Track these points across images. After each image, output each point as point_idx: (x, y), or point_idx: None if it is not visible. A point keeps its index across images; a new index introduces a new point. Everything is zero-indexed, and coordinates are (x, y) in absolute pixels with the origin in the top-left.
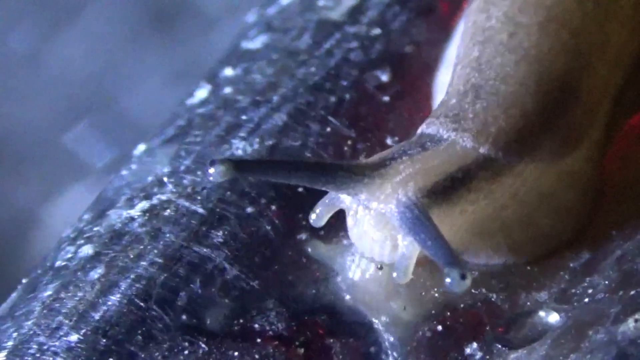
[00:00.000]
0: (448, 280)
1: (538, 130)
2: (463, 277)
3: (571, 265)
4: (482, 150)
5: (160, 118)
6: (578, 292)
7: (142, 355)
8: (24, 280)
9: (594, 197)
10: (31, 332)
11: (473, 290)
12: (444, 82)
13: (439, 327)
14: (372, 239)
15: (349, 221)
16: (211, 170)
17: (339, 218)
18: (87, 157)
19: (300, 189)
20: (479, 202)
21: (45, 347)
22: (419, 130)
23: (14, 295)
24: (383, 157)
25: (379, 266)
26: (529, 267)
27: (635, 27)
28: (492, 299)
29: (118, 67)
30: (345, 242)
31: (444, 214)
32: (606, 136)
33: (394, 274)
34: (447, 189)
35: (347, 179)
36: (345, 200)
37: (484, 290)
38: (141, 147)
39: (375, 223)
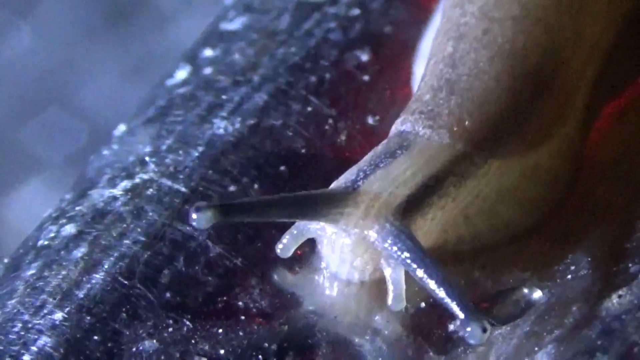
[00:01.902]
0: (468, 331)
1: (510, 126)
2: (484, 330)
3: (553, 243)
4: (457, 146)
5: (115, 113)
6: (560, 269)
7: (127, 333)
8: (5, 260)
9: (561, 189)
10: (15, 310)
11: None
12: (420, 73)
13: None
14: (353, 265)
15: (325, 248)
16: (194, 216)
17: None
18: (43, 153)
19: (282, 168)
20: (447, 205)
21: (29, 325)
22: (393, 128)
23: None
24: (354, 177)
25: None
26: (510, 246)
27: (608, 22)
28: (475, 277)
29: (73, 62)
30: (312, 265)
31: (419, 226)
32: (579, 129)
33: (390, 303)
34: (420, 200)
35: (324, 208)
36: (315, 229)
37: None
38: (121, 127)
39: (354, 248)
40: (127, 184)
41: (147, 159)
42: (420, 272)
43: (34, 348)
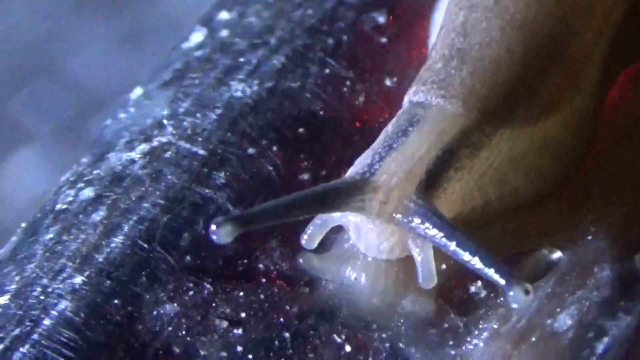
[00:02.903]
0: (511, 296)
1: (521, 96)
2: (527, 292)
3: (572, 205)
4: (469, 116)
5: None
6: (580, 230)
7: (147, 296)
8: (22, 224)
9: (571, 160)
10: (34, 275)
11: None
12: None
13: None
14: (380, 249)
15: (353, 235)
16: (215, 229)
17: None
18: (33, 124)
19: (301, 130)
20: (464, 178)
21: (49, 290)
22: (406, 100)
23: (13, 239)
24: (369, 160)
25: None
26: (521, 212)
27: None
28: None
29: (62, 32)
30: (338, 248)
31: (441, 201)
32: (592, 100)
33: (420, 282)
34: (439, 175)
35: (343, 199)
36: (340, 217)
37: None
38: (138, 91)
39: (380, 233)
40: (145, 147)
41: (164, 121)
42: (452, 246)
43: (54, 312)
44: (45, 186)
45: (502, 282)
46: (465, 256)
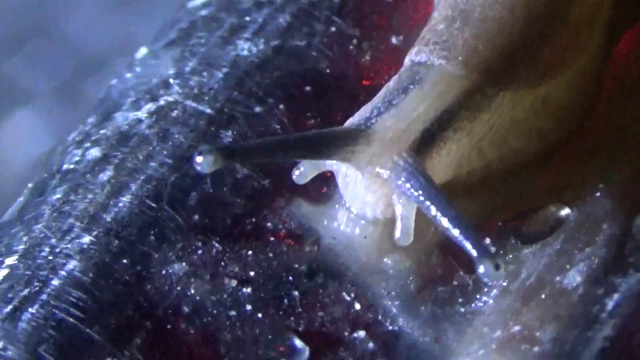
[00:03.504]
0: (481, 271)
1: (523, 57)
2: (497, 267)
3: (580, 161)
4: (471, 77)
5: (100, 44)
6: (588, 186)
7: (156, 256)
8: (29, 185)
9: (572, 122)
10: (42, 235)
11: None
12: None
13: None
14: (364, 201)
15: (340, 183)
16: (199, 159)
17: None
18: (29, 85)
19: (307, 88)
20: (462, 140)
21: (57, 250)
22: (407, 59)
23: (20, 199)
24: (368, 114)
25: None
26: (534, 166)
27: None
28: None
29: None
30: (330, 199)
31: (435, 161)
32: (595, 62)
33: (396, 237)
34: (435, 135)
35: (334, 148)
36: (331, 163)
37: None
38: (143, 51)
39: (368, 185)
40: (152, 106)
41: (171, 81)
42: (433, 210)
43: (62, 272)
44: (44, 147)
45: (475, 254)
46: (444, 222)
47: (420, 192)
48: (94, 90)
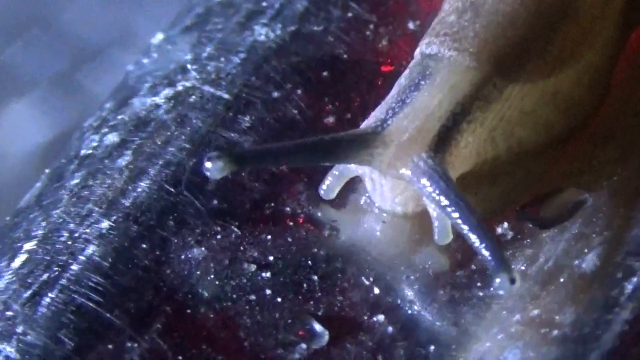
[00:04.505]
0: (497, 283)
1: (534, 50)
2: (513, 281)
3: (596, 145)
4: (482, 69)
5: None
6: (606, 171)
7: (175, 241)
8: (47, 170)
9: (580, 116)
10: (61, 220)
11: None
12: None
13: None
14: (394, 202)
15: (368, 185)
16: (208, 165)
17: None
18: (28, 74)
19: (325, 73)
20: (477, 130)
21: (76, 235)
22: (418, 51)
23: (38, 184)
24: (383, 115)
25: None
26: (547, 152)
27: None
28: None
29: None
30: (356, 199)
31: (454, 155)
32: (606, 57)
33: (436, 239)
34: (451, 129)
35: (351, 151)
36: (356, 168)
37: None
38: (159, 36)
39: (392, 187)
40: (169, 91)
41: (188, 66)
42: (454, 215)
43: (82, 257)
44: (41, 137)
45: (492, 265)
46: (465, 229)
47: (443, 198)
48: (92, 81)
